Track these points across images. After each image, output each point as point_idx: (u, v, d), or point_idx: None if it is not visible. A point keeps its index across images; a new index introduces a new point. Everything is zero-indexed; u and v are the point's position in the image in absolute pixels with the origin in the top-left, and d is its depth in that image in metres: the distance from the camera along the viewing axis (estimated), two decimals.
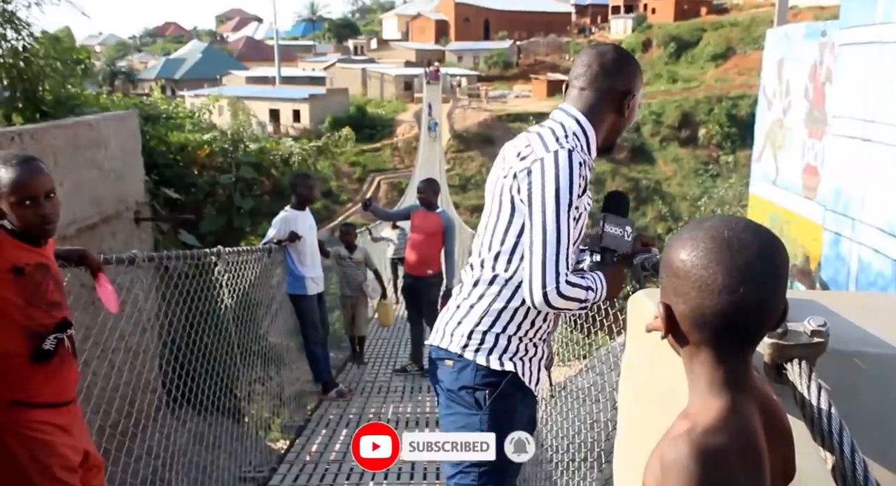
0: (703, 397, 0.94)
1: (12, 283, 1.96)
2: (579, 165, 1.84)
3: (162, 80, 36.01)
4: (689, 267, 0.92)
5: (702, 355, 0.95)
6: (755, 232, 0.93)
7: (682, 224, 16.06)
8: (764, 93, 6.78)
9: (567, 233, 1.83)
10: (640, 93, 2.03)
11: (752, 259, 0.90)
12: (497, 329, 1.95)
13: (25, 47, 7.61)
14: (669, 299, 0.97)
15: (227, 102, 15.52)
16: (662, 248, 2.09)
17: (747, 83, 41.61)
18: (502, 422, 1.95)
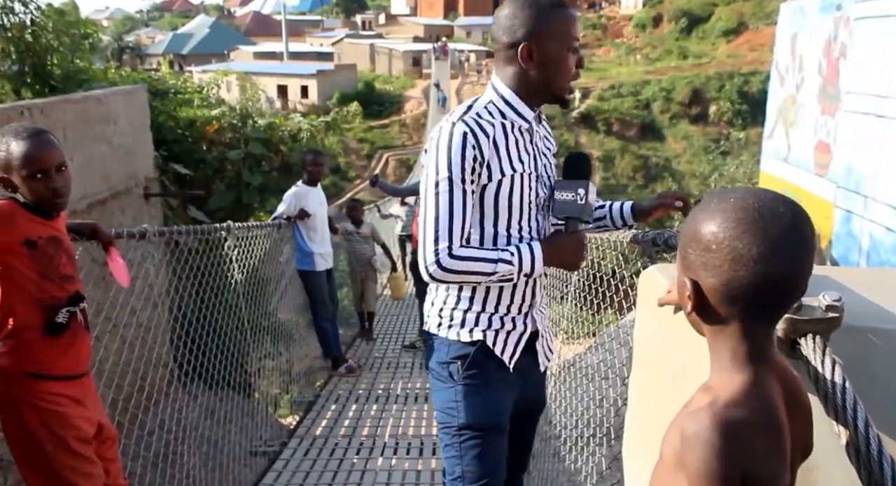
0: (726, 371, 0.93)
1: (26, 256, 1.97)
2: (463, 135, 1.81)
3: (169, 55, 35.80)
4: (722, 239, 0.90)
5: (728, 329, 0.94)
6: (783, 202, 0.92)
7: (692, 202, 15.95)
8: (777, 68, 6.70)
9: (450, 207, 1.82)
10: (565, 34, 1.86)
11: (784, 229, 0.89)
12: (463, 306, 1.97)
13: (33, 21, 7.58)
14: (697, 274, 0.94)
15: (236, 78, 15.47)
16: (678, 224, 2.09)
17: (759, 59, 41.12)
18: (475, 391, 1.97)
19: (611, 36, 55.52)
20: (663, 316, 1.43)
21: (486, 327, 1.97)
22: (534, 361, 2.06)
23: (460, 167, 1.82)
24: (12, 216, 1.97)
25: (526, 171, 1.91)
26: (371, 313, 8.05)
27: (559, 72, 1.88)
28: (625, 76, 43.04)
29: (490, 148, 1.85)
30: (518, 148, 1.91)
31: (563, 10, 1.86)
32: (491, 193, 1.88)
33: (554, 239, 1.91)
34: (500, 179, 1.87)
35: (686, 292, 0.96)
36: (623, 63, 47.94)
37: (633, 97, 40.75)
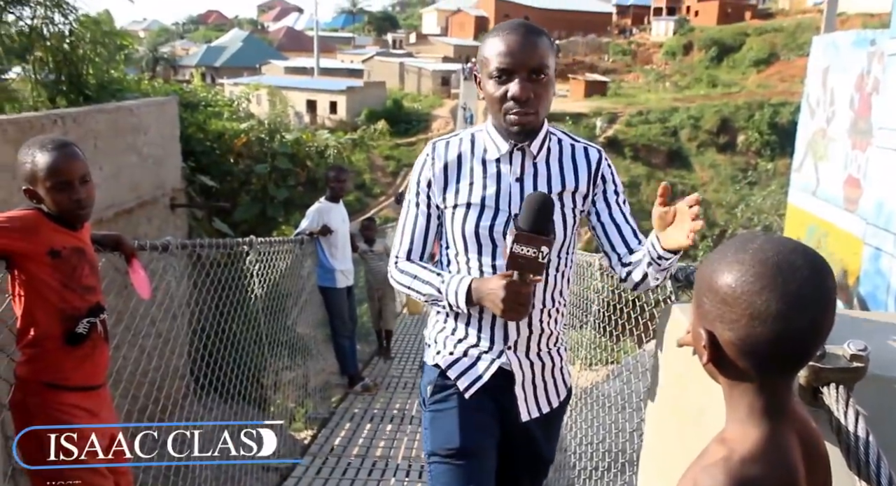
0: (742, 424, 0.91)
1: (49, 265, 1.99)
2: (425, 155, 1.89)
3: (203, 67, 36.36)
4: (740, 294, 0.88)
5: (745, 381, 0.92)
6: (804, 255, 0.89)
7: (716, 231, 15.84)
8: (807, 101, 6.65)
9: (404, 222, 1.93)
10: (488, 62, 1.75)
11: (804, 285, 0.86)
12: (434, 331, 1.99)
13: (72, 31, 7.75)
14: (714, 325, 0.92)
15: (267, 92, 15.65)
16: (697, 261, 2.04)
17: (790, 90, 40.85)
18: (439, 416, 1.94)
19: (640, 62, 55.52)
20: (683, 356, 1.41)
21: (447, 353, 1.94)
22: (513, 406, 1.93)
23: (416, 186, 1.91)
24: (37, 226, 1.99)
25: (477, 204, 1.83)
26: (389, 331, 8.03)
27: (489, 102, 1.79)
28: (653, 103, 42.93)
29: (441, 174, 1.86)
30: (475, 178, 1.84)
31: (497, 33, 1.76)
32: (446, 221, 1.89)
33: (489, 282, 1.72)
34: (445, 208, 1.88)
35: (701, 341, 0.94)
36: (652, 90, 47.86)
37: (661, 124, 40.61)
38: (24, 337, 2.01)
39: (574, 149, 1.92)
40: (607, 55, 57.51)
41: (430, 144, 1.91)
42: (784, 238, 0.93)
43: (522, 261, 1.61)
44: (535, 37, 1.73)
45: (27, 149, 2.02)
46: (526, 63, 1.70)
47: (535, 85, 1.73)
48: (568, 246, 1.91)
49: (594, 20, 66.82)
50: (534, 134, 1.84)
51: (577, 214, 1.91)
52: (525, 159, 1.86)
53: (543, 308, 1.90)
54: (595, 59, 56.70)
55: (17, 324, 2.03)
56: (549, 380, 1.97)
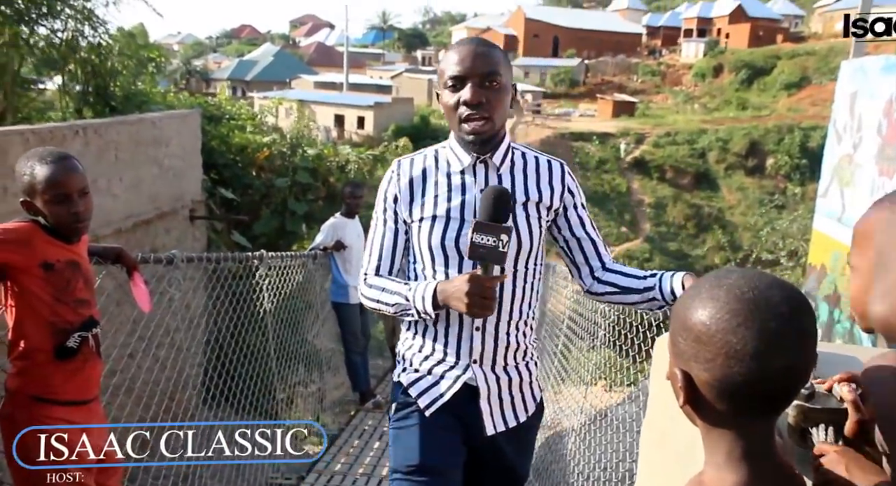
0: (719, 469, 0.86)
1: (41, 278, 1.98)
2: (391, 172, 1.93)
3: (233, 80, 36.87)
4: (714, 331, 0.83)
5: (723, 423, 0.87)
6: (781, 290, 0.84)
7: (740, 255, 15.61)
8: (834, 126, 6.54)
9: (372, 238, 1.96)
10: (443, 73, 1.80)
11: (782, 322, 0.81)
12: (403, 347, 2.00)
13: (101, 44, 7.88)
14: (689, 365, 0.87)
15: (296, 106, 15.79)
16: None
17: (821, 114, 40.37)
18: (400, 433, 1.96)
19: (669, 83, 55.31)
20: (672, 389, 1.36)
21: (412, 371, 1.96)
22: (478, 420, 1.91)
23: (382, 203, 1.94)
24: (30, 238, 1.99)
25: (443, 216, 1.84)
26: None
27: (446, 112, 1.82)
28: (681, 124, 42.68)
29: (406, 189, 1.89)
30: (440, 191, 1.86)
31: (451, 48, 1.82)
32: (413, 235, 1.90)
33: (454, 281, 1.74)
34: (412, 223, 1.89)
35: (678, 382, 0.89)
36: (680, 111, 47.61)
37: (689, 145, 40.33)
38: (15, 349, 2.00)
39: (538, 161, 1.95)
40: (636, 76, 57.39)
41: (396, 162, 1.95)
42: (761, 273, 0.87)
43: (483, 251, 1.64)
44: (485, 47, 1.79)
45: (26, 161, 2.03)
46: (477, 69, 1.74)
47: (487, 91, 1.76)
48: (535, 257, 1.92)
49: (624, 41, 66.75)
50: (491, 143, 1.84)
51: (542, 225, 1.92)
52: (489, 171, 1.88)
53: (510, 320, 1.90)
54: (624, 80, 56.61)
55: (8, 336, 2.03)
56: (517, 394, 1.97)
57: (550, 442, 4.80)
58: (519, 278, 1.89)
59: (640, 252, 33.23)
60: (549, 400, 5.33)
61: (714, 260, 29.50)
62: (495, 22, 74.60)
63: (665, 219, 37.12)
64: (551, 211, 1.93)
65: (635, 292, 1.88)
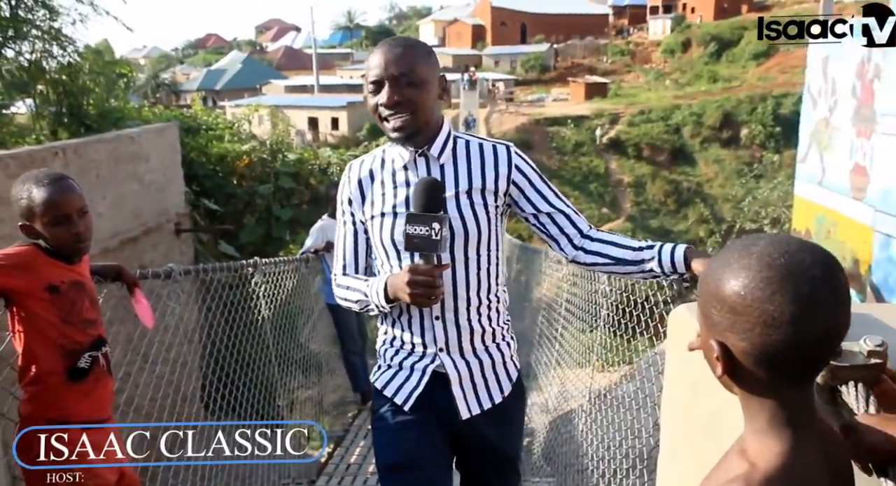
0: (763, 435, 0.87)
1: (48, 301, 1.97)
2: (344, 175, 2.02)
3: (203, 91, 36.58)
4: (750, 301, 0.83)
5: (764, 391, 0.87)
6: (812, 253, 0.84)
7: (724, 227, 15.73)
8: (809, 92, 6.60)
9: (337, 239, 2.03)
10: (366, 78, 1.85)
11: (816, 285, 0.81)
12: (378, 343, 2.06)
13: (71, 63, 7.80)
14: (725, 336, 0.87)
15: (268, 112, 15.70)
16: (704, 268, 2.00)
17: (790, 81, 40.71)
18: (378, 432, 2.02)
19: (639, 62, 55.51)
20: (695, 361, 1.37)
21: (379, 366, 2.02)
22: (453, 407, 1.94)
23: (341, 206, 2.01)
24: (34, 262, 1.98)
25: (390, 212, 1.89)
26: None
27: (373, 115, 1.86)
28: (654, 101, 42.87)
29: (356, 189, 1.96)
30: (386, 189, 1.91)
31: (372, 51, 1.84)
32: (370, 232, 1.94)
33: (399, 274, 1.79)
34: (366, 221, 1.94)
35: (713, 353, 0.89)
36: (652, 88, 47.80)
37: (663, 122, 40.53)
38: (26, 375, 1.99)
39: (482, 148, 1.94)
40: (606, 57, 57.52)
41: (348, 165, 2.02)
42: (788, 237, 0.87)
43: (417, 240, 1.69)
44: (401, 47, 1.80)
45: (22, 185, 2.01)
46: (390, 71, 1.76)
47: (403, 90, 1.78)
48: (488, 243, 1.92)
49: (591, 22, 66.87)
50: (420, 137, 1.86)
51: (489, 212, 1.91)
52: (430, 163, 1.90)
53: (469, 307, 1.92)
54: (594, 62, 56.74)
55: (18, 362, 2.02)
56: (490, 376, 1.99)
57: (558, 425, 4.83)
58: (472, 265, 1.90)
59: (622, 231, 33.14)
60: (551, 384, 5.36)
61: (699, 233, 29.70)
62: (461, 13, 74.53)
63: (645, 197, 37.31)
64: (500, 195, 1.93)
65: (630, 264, 1.88)
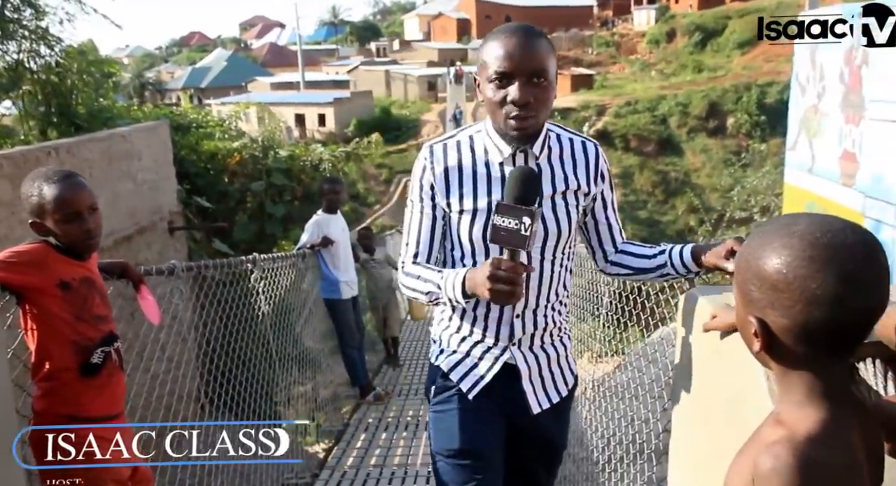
0: (801, 406, 0.88)
1: (60, 298, 1.98)
2: (424, 159, 1.88)
3: (189, 89, 36.35)
4: (793, 279, 0.84)
5: (803, 365, 0.89)
6: (853, 232, 0.86)
7: (714, 216, 15.81)
8: (797, 79, 6.64)
9: (409, 226, 1.92)
10: (487, 66, 1.73)
11: (859, 263, 0.83)
12: (439, 328, 2.02)
13: (58, 63, 7.74)
14: (765, 313, 0.89)
15: (255, 109, 15.63)
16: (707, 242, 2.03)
17: (775, 70, 40.90)
18: (441, 416, 1.98)
19: (624, 53, 55.60)
20: (708, 341, 1.40)
21: (450, 353, 1.98)
22: (521, 400, 1.94)
23: (419, 191, 1.89)
24: (45, 259, 1.99)
25: (483, 209, 1.81)
26: (395, 339, 8.02)
27: (489, 105, 1.76)
28: (640, 92, 42.98)
29: (441, 178, 1.85)
30: (479, 184, 1.83)
31: (496, 36, 1.73)
32: (452, 225, 1.87)
33: (481, 268, 1.65)
34: (451, 213, 1.86)
35: (751, 329, 0.90)
36: (638, 79, 47.91)
37: (650, 113, 40.66)
38: (39, 371, 2.00)
39: (573, 144, 1.91)
40: (591, 48, 57.57)
41: (427, 148, 1.89)
42: (829, 216, 0.89)
43: (505, 233, 1.54)
44: (534, 40, 1.70)
45: (32, 182, 2.01)
46: (525, 67, 1.67)
47: (535, 89, 1.70)
48: (569, 242, 1.91)
49: (576, 14, 66.92)
50: (535, 137, 1.81)
51: (579, 211, 1.91)
52: (528, 161, 1.84)
53: (548, 304, 1.91)
54: (579, 53, 56.76)
55: (30, 358, 2.02)
56: (556, 370, 1.99)
57: None
58: (556, 263, 1.89)
59: None
60: None
61: (688, 223, 29.79)
62: (446, 7, 74.31)
63: (633, 187, 37.43)
64: (588, 197, 1.92)
65: (650, 272, 1.91)
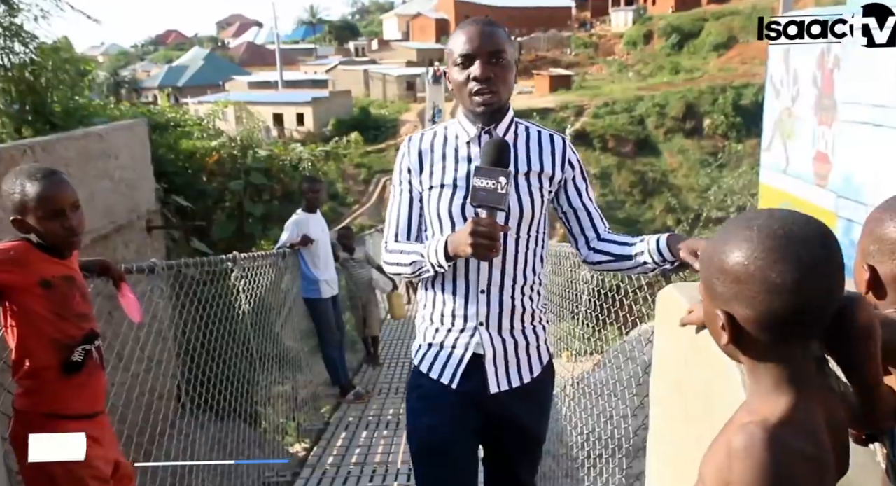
0: (770, 394, 0.92)
1: (42, 296, 1.98)
2: (403, 146, 2.06)
3: (166, 88, 36.03)
4: (754, 270, 0.89)
5: (768, 355, 0.93)
6: (807, 223, 0.90)
7: (691, 216, 15.99)
8: (771, 82, 6.74)
9: (390, 211, 2.08)
10: (452, 53, 1.94)
11: (816, 253, 0.88)
12: (419, 321, 2.13)
13: (33, 60, 7.64)
14: (730, 306, 0.93)
15: (233, 108, 15.52)
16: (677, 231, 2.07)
17: (750, 72, 41.35)
18: (412, 413, 2.11)
19: (602, 54, 55.93)
20: (685, 336, 1.43)
21: (420, 345, 2.09)
22: (483, 383, 2.01)
23: (398, 176, 2.06)
24: (27, 257, 1.98)
25: (450, 184, 1.96)
26: (375, 338, 8.03)
27: (456, 88, 1.95)
28: (618, 93, 43.27)
29: (416, 159, 2.02)
30: (447, 162, 1.99)
31: (459, 28, 1.96)
32: (425, 203, 2.01)
33: (461, 230, 1.80)
34: (423, 191, 2.01)
35: (718, 322, 0.94)
36: (616, 80, 48.23)
37: (627, 114, 40.95)
38: (20, 369, 2.00)
39: (541, 135, 2.05)
40: (569, 49, 57.85)
41: (407, 138, 2.08)
42: (785, 211, 0.93)
43: (483, 194, 1.73)
44: (491, 27, 1.92)
45: (14, 179, 2.01)
46: (484, 48, 1.87)
47: (494, 67, 1.88)
48: (537, 225, 2.01)
49: (554, 15, 67.19)
50: (499, 116, 1.96)
51: (544, 195, 2.01)
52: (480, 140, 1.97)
53: (514, 284, 1.98)
54: (558, 54, 57.01)
55: (11, 356, 2.02)
56: (523, 357, 2.06)
57: None
58: (521, 243, 1.98)
59: None
60: None
61: (665, 222, 30.05)
62: (425, 6, 74.25)
63: (611, 187, 37.68)
64: (554, 182, 2.02)
65: (628, 259, 1.95)
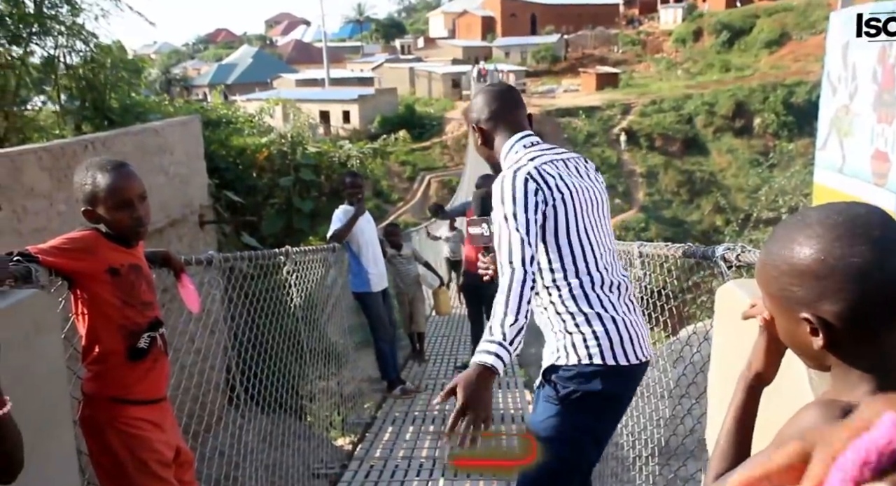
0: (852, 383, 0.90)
1: (109, 283, 2.05)
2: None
3: (217, 85, 36.69)
4: (833, 261, 0.86)
5: (864, 348, 0.89)
6: (863, 207, 0.89)
7: (741, 216, 15.67)
8: (828, 78, 6.58)
9: None
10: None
11: (886, 231, 0.87)
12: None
13: (93, 58, 7.88)
14: (817, 307, 0.89)
15: (282, 105, 15.74)
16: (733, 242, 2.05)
17: (804, 69, 40.45)
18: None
19: (650, 51, 55.24)
20: (747, 330, 1.42)
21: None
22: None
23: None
24: (96, 245, 2.05)
25: None
26: (421, 334, 8.05)
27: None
28: (666, 91, 42.70)
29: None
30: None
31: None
32: None
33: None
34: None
35: (805, 329, 0.91)
36: (664, 78, 47.60)
37: (675, 112, 40.39)
38: (89, 354, 2.07)
39: None
40: (617, 47, 57.26)
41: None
42: (832, 202, 0.91)
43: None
44: None
45: (85, 171, 2.08)
46: None
47: None
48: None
49: (602, 12, 66.55)
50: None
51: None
52: None
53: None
54: (605, 52, 56.50)
55: (80, 342, 2.09)
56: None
57: None
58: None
59: (635, 222, 33.32)
60: None
61: (714, 223, 29.53)
62: (471, 4, 74.24)
63: (658, 187, 37.19)
64: None
65: None
